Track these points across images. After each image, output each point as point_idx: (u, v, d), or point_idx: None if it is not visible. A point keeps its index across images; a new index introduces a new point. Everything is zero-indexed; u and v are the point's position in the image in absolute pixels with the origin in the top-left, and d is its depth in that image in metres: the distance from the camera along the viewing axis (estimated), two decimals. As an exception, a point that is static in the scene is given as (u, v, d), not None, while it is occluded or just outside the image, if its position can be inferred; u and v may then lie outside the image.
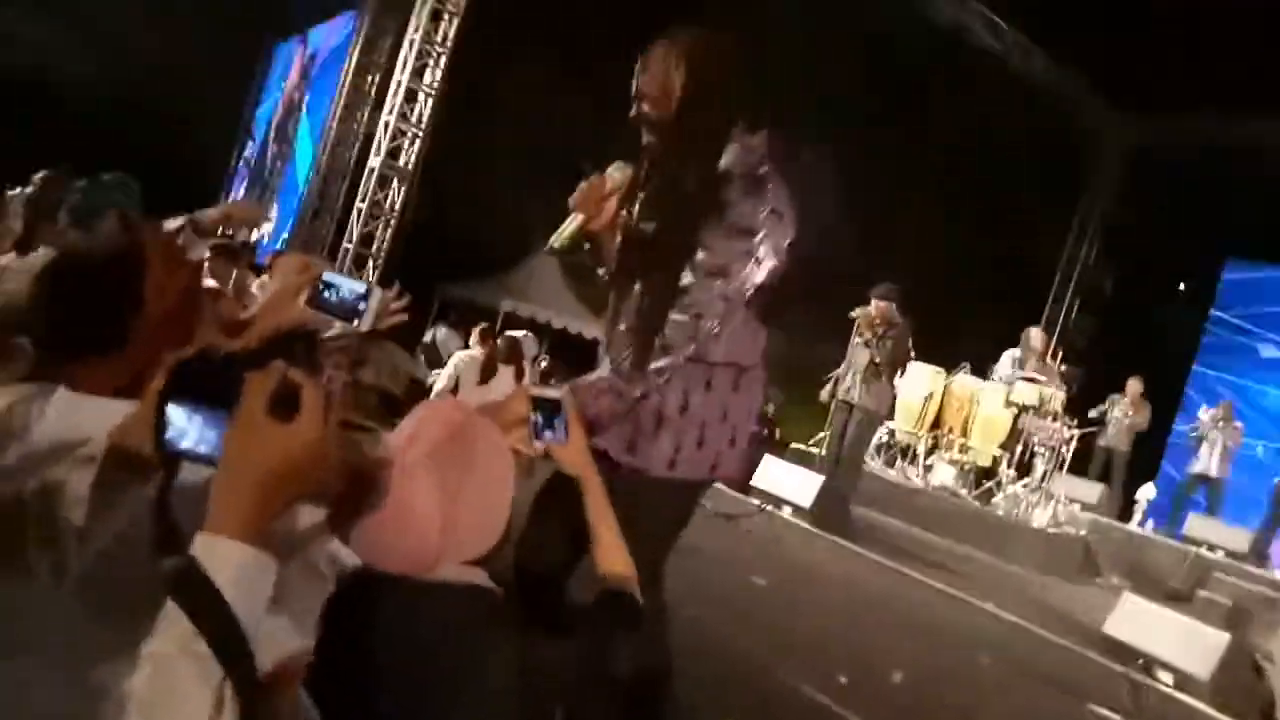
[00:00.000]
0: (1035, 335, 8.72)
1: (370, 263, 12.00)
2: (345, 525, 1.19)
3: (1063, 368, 8.90)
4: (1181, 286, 15.02)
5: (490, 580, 1.23)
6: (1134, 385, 9.80)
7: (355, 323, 1.58)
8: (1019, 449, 8.46)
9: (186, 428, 0.93)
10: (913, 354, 7.77)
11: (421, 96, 11.81)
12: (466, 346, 9.93)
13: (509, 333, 7.93)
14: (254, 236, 14.58)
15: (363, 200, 11.92)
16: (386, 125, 11.80)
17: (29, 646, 1.07)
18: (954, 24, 12.43)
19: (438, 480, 1.18)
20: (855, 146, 13.66)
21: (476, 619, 1.17)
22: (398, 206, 11.97)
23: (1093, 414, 9.68)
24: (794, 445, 9.52)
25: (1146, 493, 9.07)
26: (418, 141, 11.87)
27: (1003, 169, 13.08)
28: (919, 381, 8.64)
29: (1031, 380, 8.27)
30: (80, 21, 13.88)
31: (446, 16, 11.63)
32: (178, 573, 0.86)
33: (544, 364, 8.78)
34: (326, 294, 1.59)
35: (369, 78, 13.83)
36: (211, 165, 17.01)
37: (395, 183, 11.96)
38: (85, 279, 1.23)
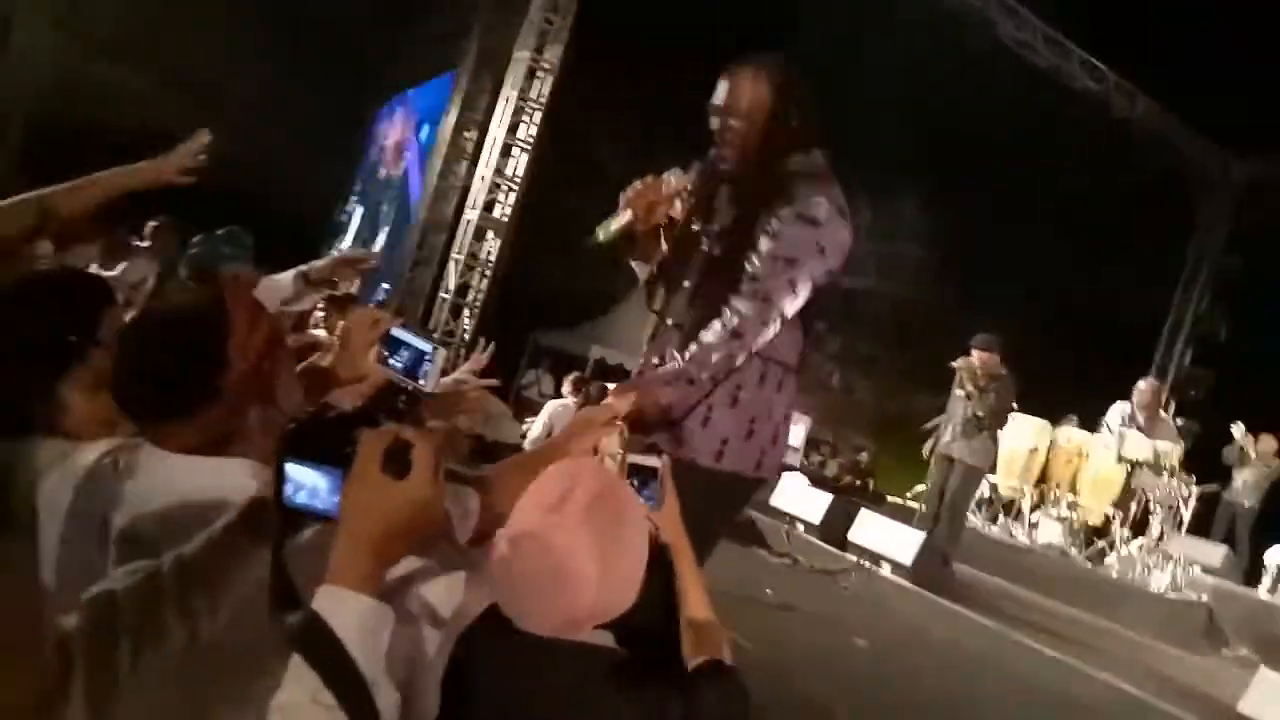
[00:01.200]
0: (1146, 387, 8.30)
1: (466, 312, 12.29)
2: (497, 582, 1.19)
3: (1178, 421, 8.44)
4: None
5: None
6: (1268, 441, 9.21)
7: (420, 382, 1.54)
8: (1133, 507, 8.03)
9: (302, 484, 0.97)
10: (1015, 406, 7.48)
11: (517, 151, 12.13)
12: (559, 394, 10.05)
13: (603, 383, 8.00)
14: (357, 286, 15.13)
15: (459, 252, 12.25)
16: (483, 179, 12.15)
17: (154, 708, 1.07)
18: (1054, 69, 12.18)
19: (593, 542, 1.17)
20: (958, 194, 13.49)
21: (610, 682, 1.17)
22: (493, 257, 12.26)
23: (1227, 455, 9.17)
24: (891, 499, 9.26)
25: (1276, 556, 8.46)
26: (513, 195, 12.17)
27: (1108, 214, 12.70)
28: (1023, 434, 8.30)
29: (1146, 434, 7.86)
30: (191, 85, 14.84)
31: (541, 74, 11.97)
32: (303, 627, 0.90)
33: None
34: (392, 352, 1.57)
35: (466, 134, 14.30)
36: (315, 220, 17.79)
37: (491, 235, 12.27)
38: (168, 338, 1.22)
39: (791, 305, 2.07)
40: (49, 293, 1.46)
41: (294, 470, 0.97)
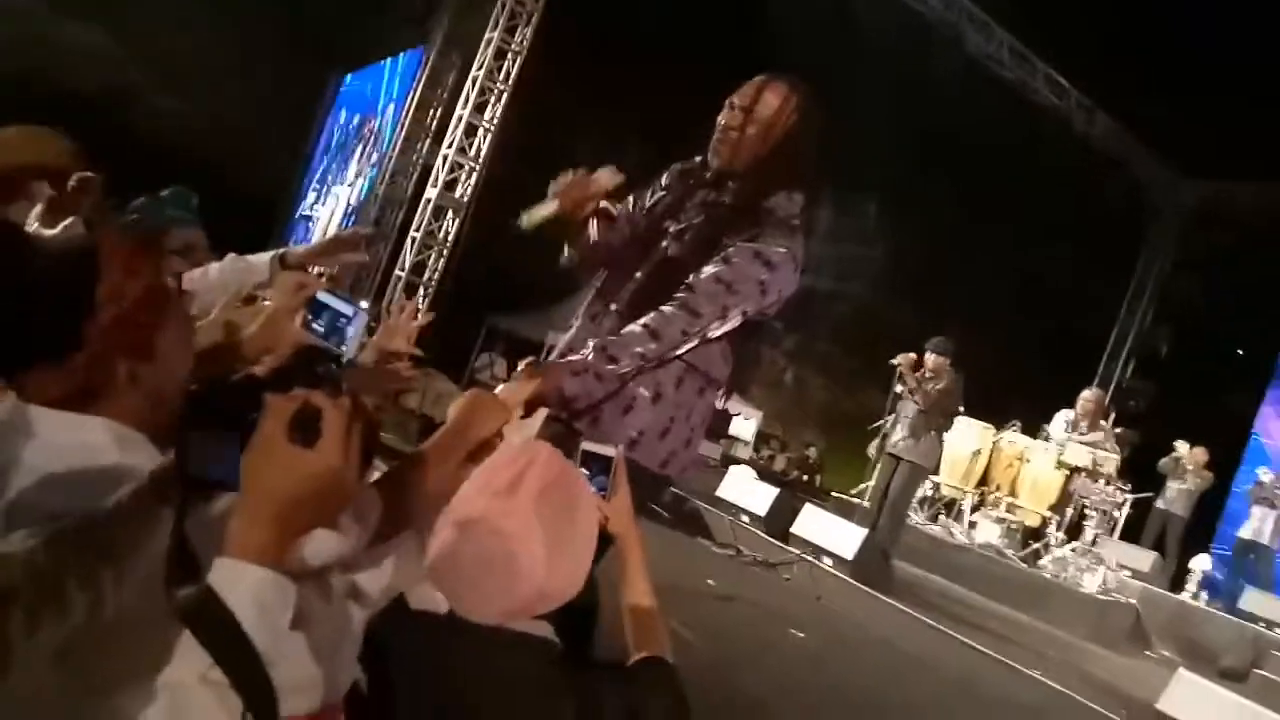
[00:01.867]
0: (1089, 397, 8.53)
1: (421, 290, 12.17)
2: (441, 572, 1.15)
3: (1117, 430, 8.68)
4: (1240, 351, 14.64)
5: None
6: (1199, 453, 9.52)
7: (343, 347, 1.51)
8: (1069, 511, 8.25)
9: (206, 452, 0.92)
10: (962, 409, 7.63)
11: (481, 131, 12.04)
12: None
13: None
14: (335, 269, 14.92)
15: (417, 229, 12.14)
16: (445, 158, 12.04)
17: (51, 682, 0.99)
18: (1018, 83, 12.40)
19: (544, 529, 1.15)
20: (912, 201, 13.68)
21: (548, 674, 1.15)
22: (451, 237, 12.16)
23: (1162, 464, 9.43)
24: (835, 494, 9.38)
25: (1201, 563, 8.75)
26: (474, 175, 12.08)
27: (1063, 227, 12.93)
28: (967, 437, 8.49)
29: (1084, 443, 8.07)
30: (155, 56, 14.46)
31: (510, 55, 11.89)
32: (194, 601, 0.85)
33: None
34: (315, 315, 1.54)
35: (430, 112, 14.15)
36: (272, 190, 17.45)
37: (450, 214, 12.16)
38: (32, 280, 1.12)
39: (716, 328, 2.08)
40: None
41: (198, 437, 0.92)
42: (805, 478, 13.91)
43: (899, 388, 7.05)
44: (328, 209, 15.89)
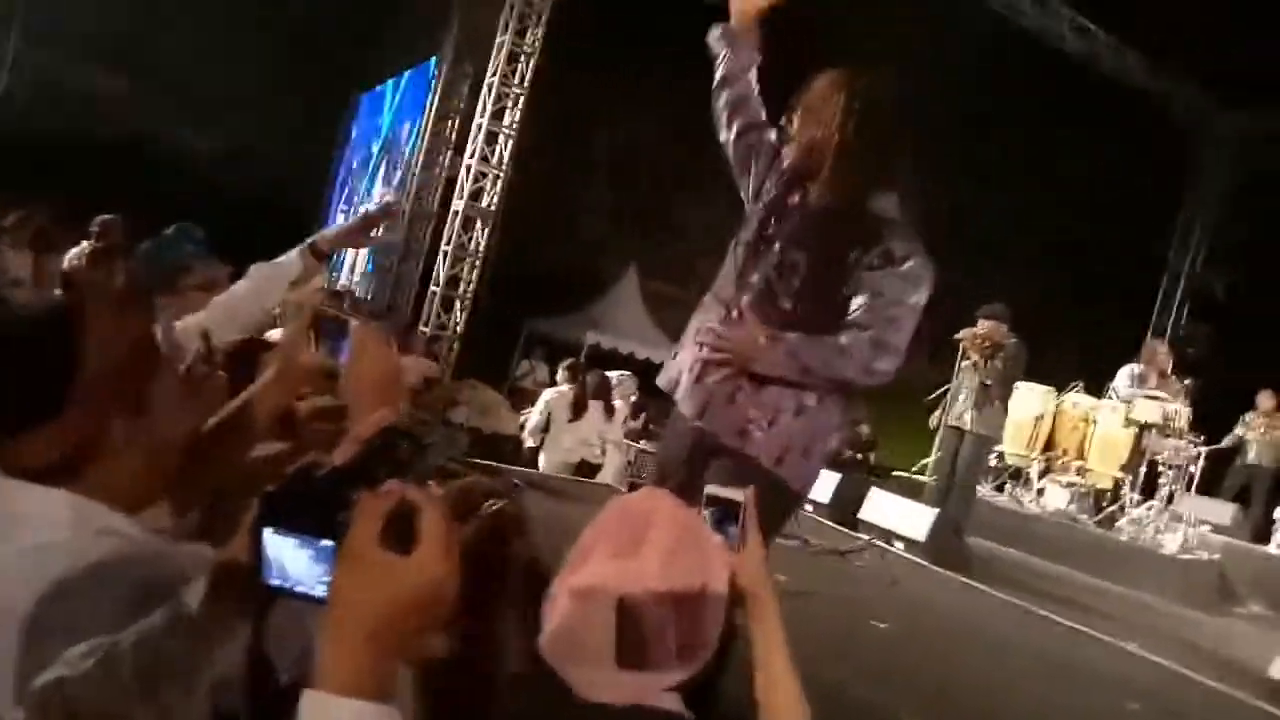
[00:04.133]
0: (1157, 349, 8.25)
1: (457, 304, 12.12)
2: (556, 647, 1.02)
3: (1185, 381, 8.37)
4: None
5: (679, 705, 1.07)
6: (1265, 400, 9.16)
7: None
8: (1141, 470, 7.97)
9: (284, 560, 0.78)
10: (1021, 374, 7.40)
11: (501, 138, 11.94)
12: (554, 382, 9.92)
13: (604, 372, 7.89)
14: (347, 282, 14.95)
15: (448, 243, 12.07)
16: (468, 168, 11.95)
17: None
18: (1040, 31, 12.02)
19: (671, 595, 1.01)
20: (948, 163, 13.33)
21: None
22: (482, 247, 12.08)
23: (1226, 442, 9.11)
24: (897, 473, 9.17)
25: (1289, 512, 8.42)
26: (499, 182, 11.98)
27: (1103, 176, 12.55)
28: (1029, 402, 8.23)
29: (1154, 398, 7.78)
30: (176, 93, 14.58)
31: (523, 58, 11.76)
32: None
33: (634, 398, 8.63)
34: (334, 340, 1.46)
35: (448, 123, 14.10)
36: (306, 220, 17.56)
37: (479, 224, 12.08)
38: (7, 340, 1.06)
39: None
40: None
41: (274, 541, 0.78)
42: (859, 457, 13.66)
43: (964, 362, 6.84)
44: (356, 230, 15.94)
